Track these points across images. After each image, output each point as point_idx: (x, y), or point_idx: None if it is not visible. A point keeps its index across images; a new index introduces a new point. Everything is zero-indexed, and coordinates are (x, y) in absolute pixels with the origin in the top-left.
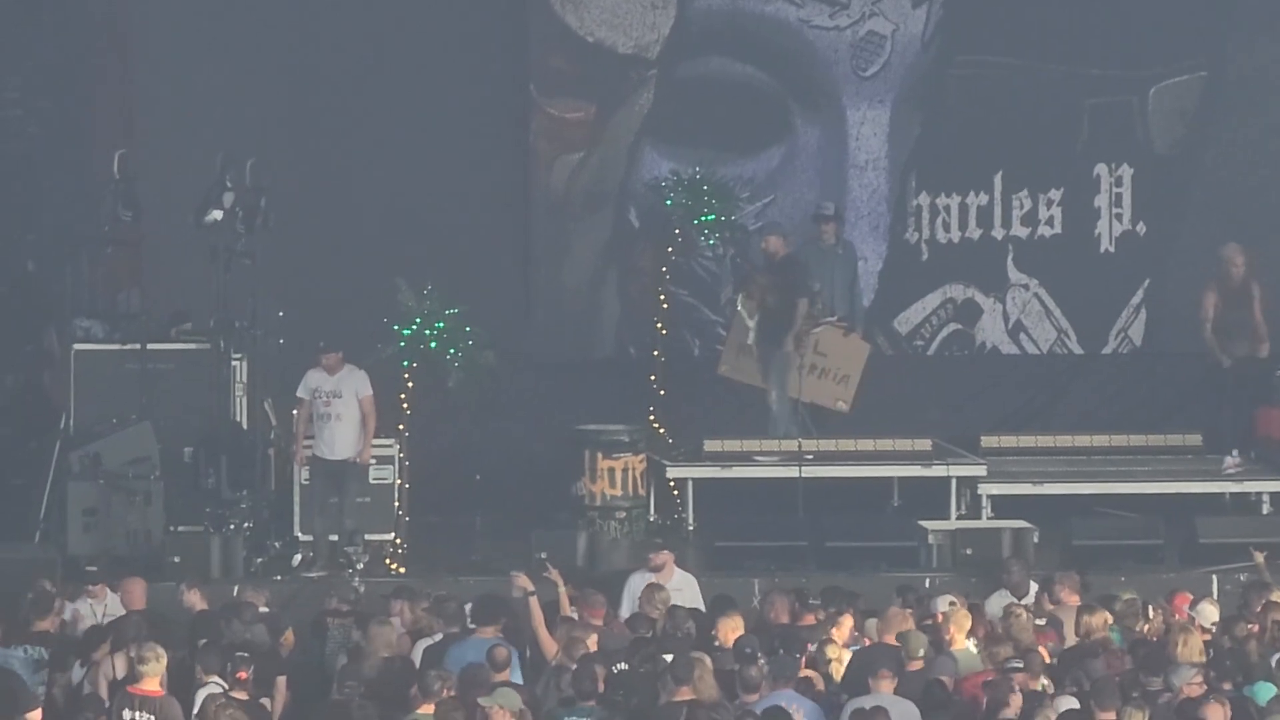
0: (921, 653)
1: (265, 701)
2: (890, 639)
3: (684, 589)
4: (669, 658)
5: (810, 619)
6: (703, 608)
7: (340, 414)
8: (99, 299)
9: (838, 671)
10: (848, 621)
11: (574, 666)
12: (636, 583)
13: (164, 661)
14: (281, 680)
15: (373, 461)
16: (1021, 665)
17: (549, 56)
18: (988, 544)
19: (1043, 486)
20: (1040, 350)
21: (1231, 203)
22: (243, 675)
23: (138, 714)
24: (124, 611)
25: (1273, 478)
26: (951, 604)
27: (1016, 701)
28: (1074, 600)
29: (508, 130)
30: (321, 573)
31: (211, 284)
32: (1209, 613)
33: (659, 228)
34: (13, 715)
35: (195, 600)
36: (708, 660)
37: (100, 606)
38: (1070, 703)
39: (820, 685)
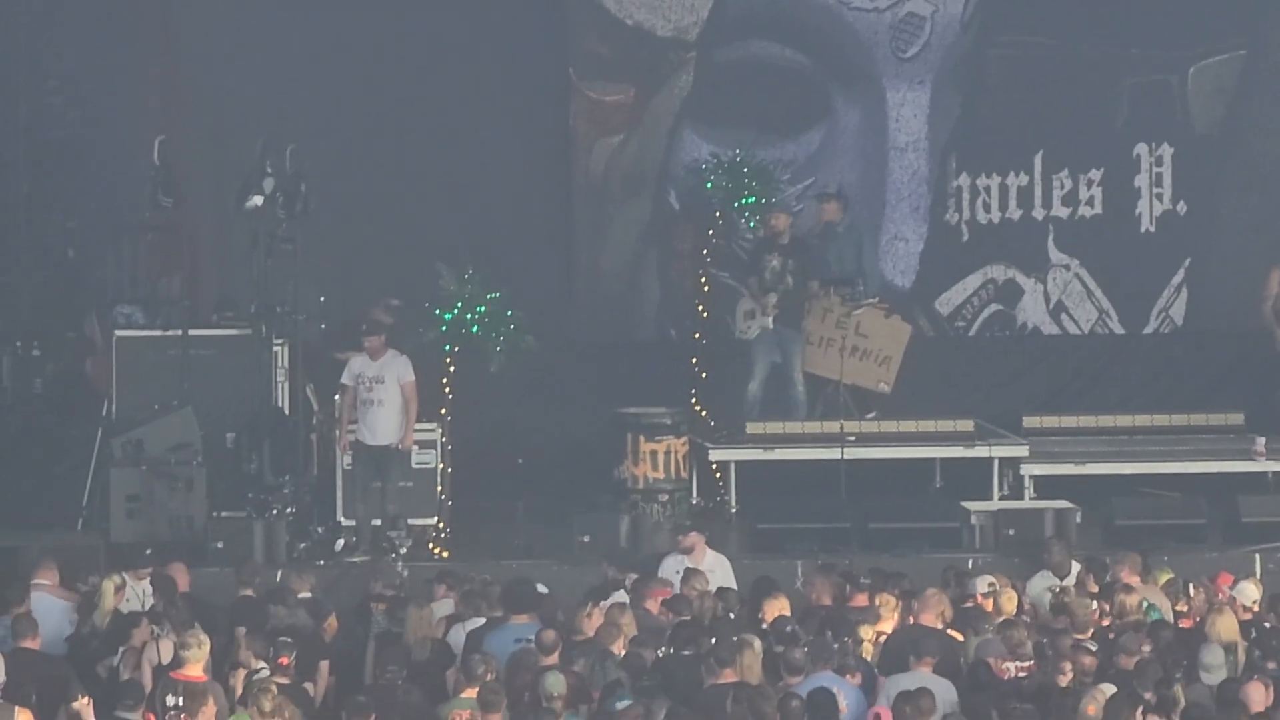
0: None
1: (308, 686)
2: (928, 619)
3: (716, 570)
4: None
5: (861, 599)
6: (735, 588)
7: (383, 399)
8: (140, 286)
9: (870, 651)
10: (898, 608)
11: (618, 650)
12: (669, 565)
13: (207, 647)
14: (324, 665)
15: (415, 447)
16: (1095, 648)
17: (588, 40)
18: (1030, 524)
19: (1085, 467)
20: (1082, 330)
21: (1272, 181)
22: (285, 661)
23: (181, 699)
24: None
25: None
26: (991, 585)
27: (1064, 680)
28: (1135, 581)
29: (547, 114)
30: (365, 558)
31: (252, 270)
32: (1249, 592)
33: (699, 210)
34: (59, 704)
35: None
36: (756, 644)
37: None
38: (1111, 689)
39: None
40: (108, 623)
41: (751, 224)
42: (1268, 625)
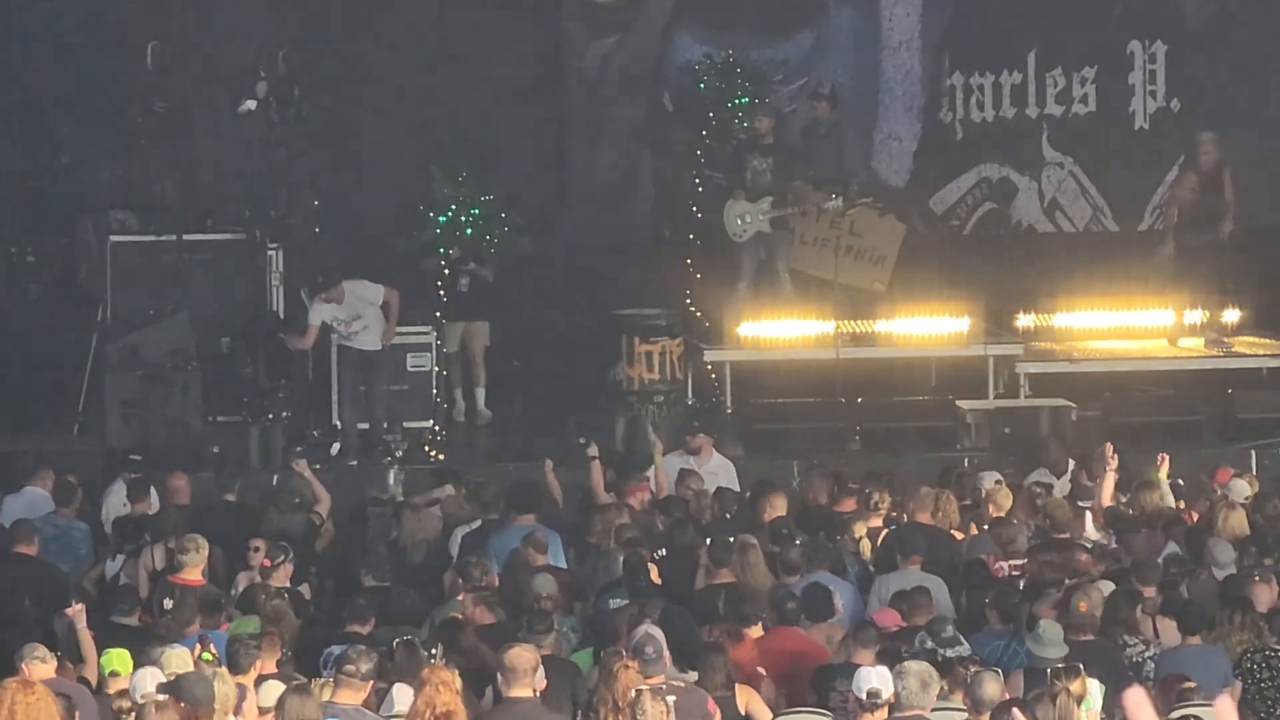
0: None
1: (304, 588)
2: (922, 517)
3: (719, 473)
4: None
5: (850, 503)
6: (736, 490)
7: (368, 325)
8: (134, 190)
9: (866, 550)
10: (886, 502)
11: (615, 549)
12: (673, 465)
13: (205, 552)
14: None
15: (393, 342)
16: (1090, 546)
17: None
18: (1026, 423)
19: (1080, 364)
20: (1076, 228)
21: (1264, 78)
22: (266, 563)
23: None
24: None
25: None
26: (998, 482)
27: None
28: (1111, 478)
29: (541, 16)
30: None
31: (246, 174)
32: (1240, 488)
33: (693, 111)
34: (55, 609)
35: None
36: (755, 546)
37: None
38: (1109, 586)
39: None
40: None
41: (745, 124)
42: (1260, 522)
